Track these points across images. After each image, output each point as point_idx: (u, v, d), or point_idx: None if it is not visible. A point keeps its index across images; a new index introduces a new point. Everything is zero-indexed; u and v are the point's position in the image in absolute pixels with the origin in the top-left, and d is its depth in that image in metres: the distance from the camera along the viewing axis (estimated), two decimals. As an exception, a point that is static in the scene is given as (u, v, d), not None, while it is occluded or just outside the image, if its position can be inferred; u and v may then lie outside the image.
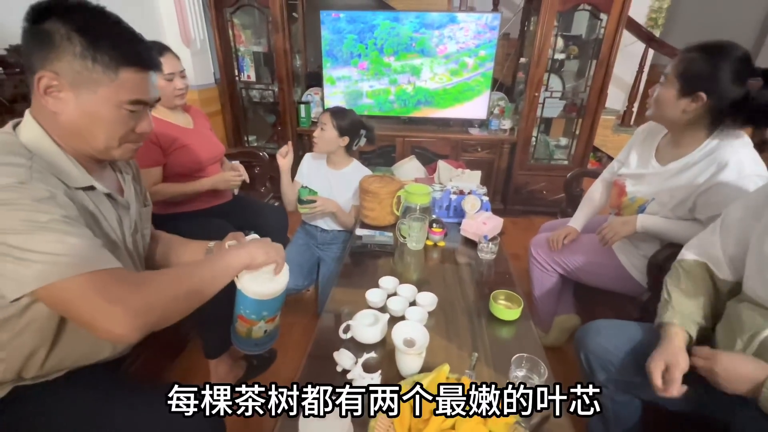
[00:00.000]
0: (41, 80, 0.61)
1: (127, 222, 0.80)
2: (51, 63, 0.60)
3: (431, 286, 1.15)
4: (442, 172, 1.90)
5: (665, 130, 1.21)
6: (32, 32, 0.61)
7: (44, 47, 0.60)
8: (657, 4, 3.52)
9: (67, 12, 0.61)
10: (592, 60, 2.47)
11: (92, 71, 0.62)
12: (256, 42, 2.71)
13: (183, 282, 0.65)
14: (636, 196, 1.24)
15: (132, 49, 0.64)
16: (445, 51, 2.64)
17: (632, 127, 3.43)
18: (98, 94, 0.63)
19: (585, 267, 1.39)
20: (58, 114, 0.64)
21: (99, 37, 0.61)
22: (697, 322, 0.86)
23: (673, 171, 1.15)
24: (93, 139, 0.67)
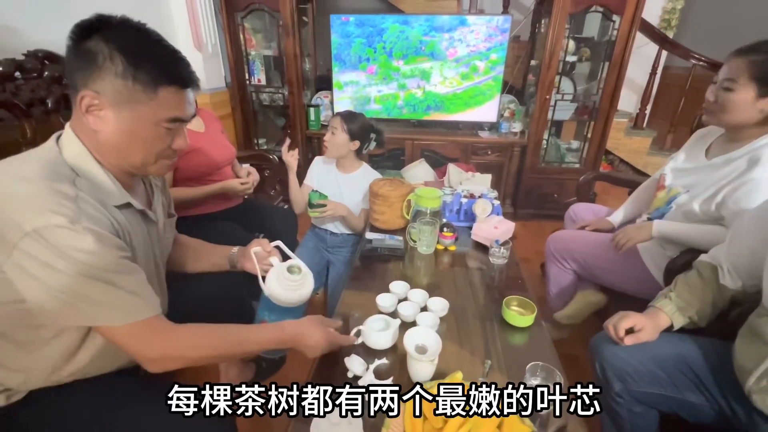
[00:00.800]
0: (83, 99, 0.62)
1: (154, 235, 0.82)
2: (93, 82, 0.62)
3: (442, 290, 1.14)
4: (452, 175, 1.88)
5: (722, 130, 1.18)
6: (76, 51, 0.62)
7: (87, 66, 0.61)
8: (670, 5, 3.47)
9: (111, 30, 0.62)
10: (605, 62, 2.44)
11: (132, 90, 0.63)
12: (267, 46, 2.73)
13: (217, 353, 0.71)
14: (672, 188, 1.22)
15: (171, 67, 0.66)
16: (456, 54, 2.62)
17: (645, 129, 3.38)
18: (137, 112, 0.64)
19: (604, 264, 1.36)
20: (98, 132, 0.65)
21: (139, 57, 0.62)
22: (689, 316, 0.91)
23: (715, 165, 1.13)
24: (131, 155, 0.68)
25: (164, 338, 0.66)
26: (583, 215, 1.68)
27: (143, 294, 0.65)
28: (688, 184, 1.18)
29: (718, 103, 1.06)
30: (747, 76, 1.00)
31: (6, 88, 1.22)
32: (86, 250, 0.57)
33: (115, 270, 0.61)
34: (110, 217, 0.65)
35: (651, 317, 0.91)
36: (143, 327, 0.64)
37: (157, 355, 0.65)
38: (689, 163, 1.25)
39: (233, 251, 1.00)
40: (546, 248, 1.52)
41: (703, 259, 0.96)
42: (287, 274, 0.90)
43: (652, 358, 0.88)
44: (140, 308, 0.64)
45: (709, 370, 0.84)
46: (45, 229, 0.54)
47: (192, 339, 0.69)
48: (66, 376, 0.72)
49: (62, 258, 0.56)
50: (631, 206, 1.51)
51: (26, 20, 1.41)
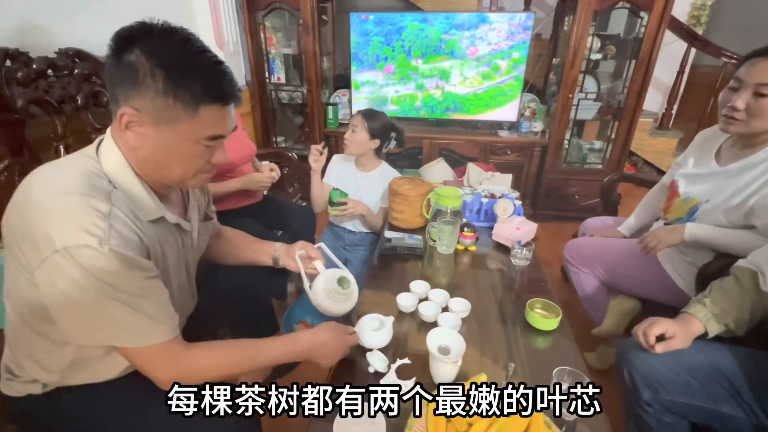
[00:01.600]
0: (123, 117, 0.61)
1: (188, 243, 0.81)
2: (133, 99, 0.60)
3: (462, 291, 1.12)
4: (471, 174, 1.86)
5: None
6: (117, 63, 0.60)
7: (128, 82, 0.60)
8: (700, 1, 3.35)
9: (152, 42, 0.60)
10: (631, 60, 2.37)
11: (172, 108, 0.61)
12: (287, 44, 2.75)
13: (229, 371, 0.71)
14: (689, 197, 1.17)
15: (213, 84, 0.63)
16: (477, 53, 2.56)
17: (670, 130, 3.27)
18: (177, 130, 0.63)
19: (624, 272, 1.32)
20: (138, 148, 0.65)
21: (181, 73, 0.60)
22: (725, 323, 0.86)
23: (732, 171, 1.08)
24: (170, 171, 0.67)
25: (177, 361, 0.67)
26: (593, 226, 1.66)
27: (161, 318, 0.65)
28: (706, 193, 1.13)
29: (749, 110, 0.99)
30: None
31: (39, 86, 1.25)
32: (111, 272, 0.57)
33: (137, 293, 0.61)
34: (142, 232, 0.64)
35: (683, 324, 0.87)
36: (157, 350, 0.64)
37: (169, 377, 0.65)
38: (700, 168, 1.20)
39: (276, 248, 1.02)
40: (563, 257, 1.49)
41: (741, 264, 0.91)
42: (336, 286, 0.91)
43: (684, 366, 0.84)
44: (156, 332, 0.64)
45: (747, 381, 0.81)
46: (75, 248, 0.55)
47: (204, 361, 0.69)
48: (96, 378, 0.74)
49: (87, 278, 0.56)
50: (642, 213, 1.47)
51: (58, 19, 1.45)
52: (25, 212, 0.59)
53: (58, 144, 1.33)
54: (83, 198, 0.58)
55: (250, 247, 1.05)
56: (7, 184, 1.23)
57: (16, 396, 0.74)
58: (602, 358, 1.48)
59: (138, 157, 0.66)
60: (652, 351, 0.84)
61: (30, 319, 0.66)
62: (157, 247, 0.69)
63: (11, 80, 1.17)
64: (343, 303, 0.91)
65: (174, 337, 0.66)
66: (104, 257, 0.56)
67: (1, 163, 1.21)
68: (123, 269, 0.59)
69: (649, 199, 1.48)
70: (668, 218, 1.25)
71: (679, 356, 0.85)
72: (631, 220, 1.50)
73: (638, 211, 1.49)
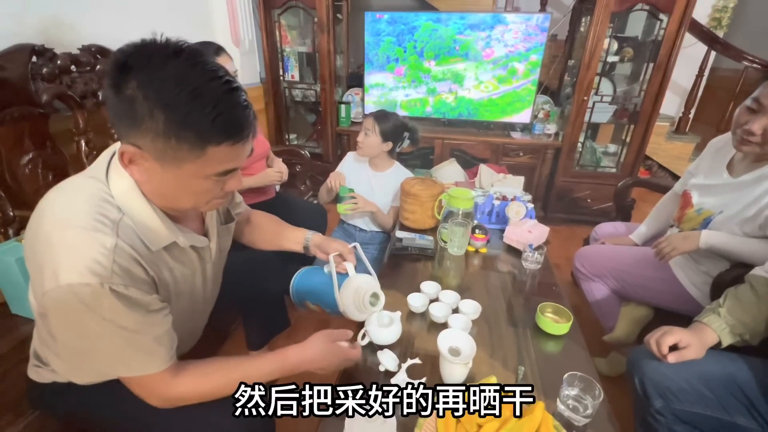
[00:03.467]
0: (124, 155, 0.57)
1: (207, 255, 0.79)
2: (134, 137, 0.56)
3: (473, 293, 1.13)
4: (483, 176, 1.85)
5: None
6: (115, 97, 0.54)
7: (127, 119, 0.55)
8: (722, 4, 3.28)
9: (149, 73, 0.52)
10: (648, 63, 2.33)
11: (176, 149, 0.55)
12: (301, 42, 2.76)
13: (219, 392, 0.69)
14: (702, 208, 1.16)
15: (222, 121, 0.55)
16: (492, 55, 2.50)
17: (687, 134, 3.21)
18: (183, 169, 0.58)
19: (635, 281, 1.31)
20: (143, 182, 0.62)
21: (184, 112, 0.53)
22: (739, 333, 0.85)
23: (745, 183, 1.07)
24: (179, 203, 0.65)
25: (167, 390, 0.67)
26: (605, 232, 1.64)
27: (157, 351, 0.65)
28: (720, 204, 1.12)
29: (766, 135, 0.97)
30: None
31: (62, 81, 1.29)
32: (111, 310, 0.58)
33: (135, 330, 0.61)
34: (147, 263, 0.63)
35: (697, 333, 0.86)
36: (149, 380, 0.66)
37: (159, 402, 0.68)
38: (712, 179, 1.18)
39: (308, 237, 1.02)
40: (573, 266, 1.47)
41: (757, 272, 0.90)
42: (367, 300, 0.91)
43: (698, 376, 0.83)
44: (150, 365, 0.65)
45: (763, 393, 0.79)
46: (77, 286, 0.55)
47: (194, 386, 0.69)
48: None
49: (87, 313, 0.57)
50: (654, 222, 1.46)
51: (82, 16, 1.49)
52: (35, 242, 0.59)
53: (80, 138, 1.37)
54: (89, 234, 0.57)
55: (282, 235, 1.05)
56: (31, 176, 1.27)
57: (42, 382, 0.77)
58: (613, 365, 1.46)
59: (146, 185, 0.63)
60: (665, 361, 0.84)
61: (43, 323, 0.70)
62: (166, 274, 0.69)
63: (37, 76, 1.20)
64: (367, 312, 0.92)
65: (166, 368, 0.66)
66: (105, 296, 0.57)
67: (26, 155, 1.25)
68: (123, 308, 0.59)
69: (660, 207, 1.46)
70: (682, 228, 1.24)
71: (693, 365, 0.84)
72: (642, 228, 1.48)
73: (650, 219, 1.47)
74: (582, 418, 0.73)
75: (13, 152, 1.22)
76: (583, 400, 0.75)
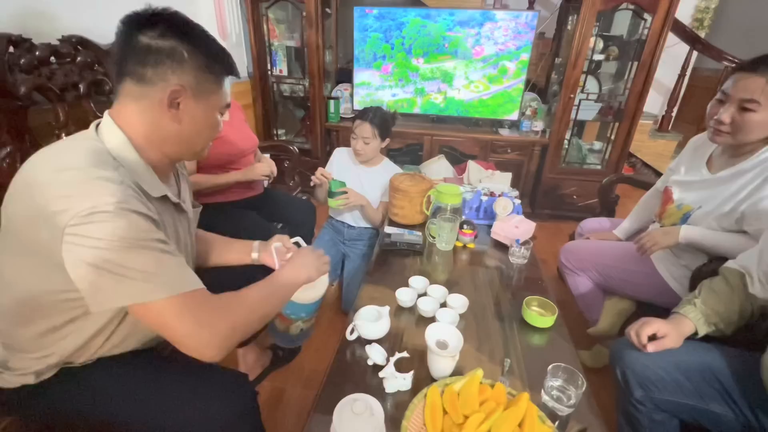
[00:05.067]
0: (172, 93, 0.65)
1: (185, 225, 0.82)
2: (179, 76, 0.65)
3: (460, 288, 1.14)
4: (472, 172, 1.87)
5: None
6: (155, 47, 0.64)
7: (171, 62, 0.64)
8: (704, 4, 3.36)
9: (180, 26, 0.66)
10: (633, 62, 2.38)
11: (210, 82, 0.69)
12: (290, 37, 2.73)
13: (261, 306, 0.72)
14: (683, 204, 1.19)
15: (229, 59, 0.72)
16: (483, 53, 2.46)
17: (670, 132, 3.29)
18: (211, 101, 0.70)
19: (619, 275, 1.34)
20: (174, 123, 0.68)
21: (212, 51, 0.68)
22: (714, 323, 0.89)
23: (723, 179, 1.10)
24: (195, 143, 0.73)
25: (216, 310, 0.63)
26: (590, 227, 1.67)
27: (187, 270, 0.64)
28: (699, 200, 1.16)
29: (735, 124, 1.01)
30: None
31: (41, 73, 1.25)
32: (132, 227, 0.58)
33: (161, 248, 0.61)
34: (150, 207, 0.64)
35: (675, 324, 0.89)
36: (194, 300, 0.62)
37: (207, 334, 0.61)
38: (692, 176, 1.22)
39: (254, 246, 1.01)
40: (559, 260, 1.50)
41: (730, 265, 0.94)
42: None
43: (676, 365, 0.86)
44: (187, 277, 0.63)
45: (736, 381, 0.82)
46: (93, 214, 0.55)
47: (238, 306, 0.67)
48: (99, 356, 0.74)
49: (111, 236, 0.56)
50: (637, 218, 1.50)
51: (62, 6, 1.44)
52: (31, 194, 0.58)
53: (60, 132, 1.33)
54: (92, 170, 0.59)
55: (228, 249, 1.02)
56: (8, 171, 1.23)
57: (10, 388, 0.74)
58: (597, 358, 1.50)
59: (156, 136, 0.69)
60: (645, 350, 0.86)
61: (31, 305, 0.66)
62: (162, 225, 0.68)
63: (14, 67, 1.17)
64: (311, 289, 0.90)
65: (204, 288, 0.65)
66: (126, 215, 0.57)
67: (4, 149, 1.21)
68: (146, 225, 0.60)
69: (643, 203, 1.50)
70: (663, 223, 1.27)
71: (671, 356, 0.87)
72: (625, 224, 1.51)
73: (633, 215, 1.51)
74: (566, 408, 0.75)
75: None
76: (566, 391, 0.77)
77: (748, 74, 0.98)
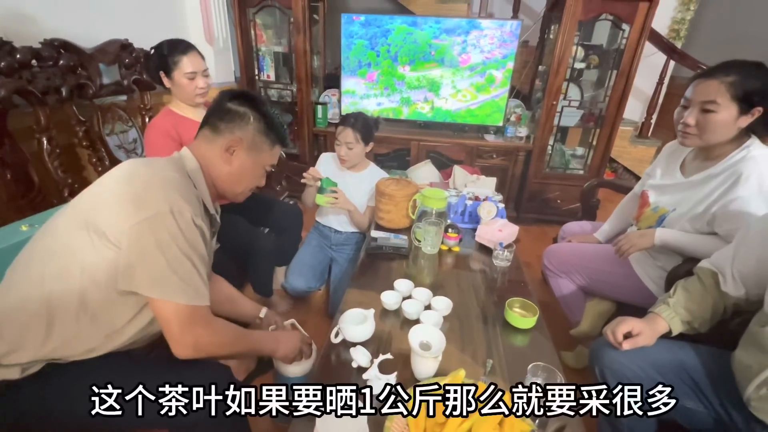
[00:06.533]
0: (232, 141, 0.85)
1: (215, 238, 0.98)
2: (240, 131, 0.86)
3: (445, 290, 1.16)
4: (457, 177, 1.90)
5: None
6: (233, 109, 0.86)
7: (238, 121, 0.86)
8: (680, 16, 3.48)
9: (255, 101, 0.88)
10: (613, 70, 2.45)
11: (263, 142, 0.89)
12: (277, 42, 2.74)
13: (241, 344, 0.84)
14: (658, 206, 1.24)
15: (284, 133, 0.94)
16: (469, 61, 2.47)
17: (650, 138, 3.39)
18: (259, 157, 0.90)
19: (599, 277, 1.38)
20: (227, 165, 0.87)
21: (272, 123, 0.90)
22: (687, 321, 0.92)
23: (695, 182, 1.15)
24: (238, 185, 0.91)
25: (206, 327, 0.76)
26: (572, 231, 1.71)
27: (206, 285, 0.77)
28: (673, 202, 1.21)
29: (700, 126, 1.08)
30: (728, 97, 1.02)
31: (22, 76, 1.24)
32: (195, 238, 0.74)
33: (201, 261, 0.76)
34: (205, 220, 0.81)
35: (649, 322, 0.92)
36: (195, 312, 0.74)
37: (191, 341, 0.74)
38: (667, 179, 1.27)
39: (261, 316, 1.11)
40: (542, 263, 1.53)
41: (703, 265, 0.97)
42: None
43: (651, 363, 0.89)
44: (202, 295, 0.75)
45: (708, 378, 0.86)
46: (178, 213, 0.71)
47: (220, 332, 0.79)
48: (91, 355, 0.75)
49: (180, 236, 0.71)
50: (616, 221, 1.54)
51: (44, 9, 1.43)
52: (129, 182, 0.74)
53: (41, 135, 1.32)
54: (183, 179, 0.79)
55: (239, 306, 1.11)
56: (-13, 175, 1.21)
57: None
58: (579, 358, 1.53)
59: (218, 171, 0.87)
60: (620, 348, 0.89)
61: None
62: (207, 237, 0.83)
63: (-6, 69, 1.15)
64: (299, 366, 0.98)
65: (209, 306, 0.78)
66: (194, 225, 0.74)
67: (-18, 153, 1.19)
68: (201, 239, 0.76)
69: (622, 207, 1.54)
70: (640, 226, 1.31)
71: (647, 354, 0.90)
72: (605, 227, 1.56)
73: (612, 218, 1.55)
74: (545, 406, 0.77)
75: (-32, 149, 1.17)
76: (546, 389, 0.79)
77: (705, 79, 1.05)
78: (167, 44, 1.40)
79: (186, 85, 1.41)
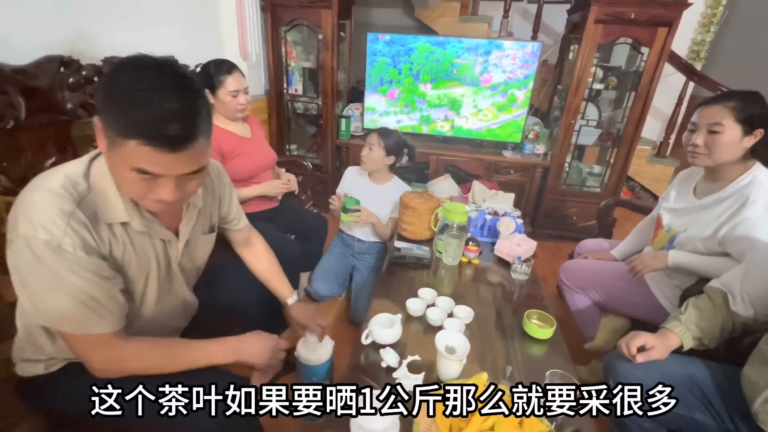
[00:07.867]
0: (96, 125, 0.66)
1: (173, 252, 0.86)
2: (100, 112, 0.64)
3: (465, 300, 1.22)
4: (476, 192, 1.97)
5: (702, 170, 1.28)
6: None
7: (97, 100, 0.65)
8: (700, 38, 3.51)
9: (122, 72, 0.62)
10: (631, 91, 2.50)
11: (110, 130, 0.62)
12: (306, 58, 2.88)
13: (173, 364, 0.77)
14: (671, 228, 1.30)
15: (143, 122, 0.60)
16: (491, 81, 2.49)
17: (668, 158, 3.40)
18: (114, 152, 0.64)
19: (615, 294, 1.42)
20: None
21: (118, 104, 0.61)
22: (698, 337, 0.97)
23: (705, 204, 1.21)
24: (119, 187, 0.72)
25: (109, 353, 0.73)
26: (588, 248, 1.76)
27: (104, 313, 0.71)
28: (684, 224, 1.27)
29: (708, 146, 1.17)
30: (731, 119, 1.12)
31: (86, 90, 1.37)
32: (59, 266, 0.65)
33: (81, 289, 0.67)
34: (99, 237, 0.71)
35: (662, 337, 0.98)
36: (93, 340, 0.71)
37: (101, 366, 0.73)
38: (681, 203, 1.34)
39: (294, 298, 1.11)
40: (559, 278, 1.58)
41: (713, 285, 1.02)
42: (308, 336, 0.98)
43: (663, 377, 0.93)
44: (94, 323, 0.70)
45: (718, 392, 0.90)
46: (31, 238, 0.64)
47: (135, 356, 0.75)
48: None
49: (38, 266, 0.65)
50: (633, 241, 1.59)
51: (103, 30, 1.58)
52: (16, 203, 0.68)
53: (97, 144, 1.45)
54: (53, 197, 0.66)
55: (275, 281, 1.13)
56: (52, 180, 1.33)
57: (27, 376, 0.81)
58: (593, 372, 1.56)
59: None
60: (634, 361, 0.94)
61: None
62: (117, 250, 0.75)
63: (64, 85, 1.29)
64: (315, 353, 0.96)
65: (113, 331, 0.73)
66: (55, 252, 0.65)
67: (49, 159, 1.32)
68: (70, 266, 0.66)
69: (640, 229, 1.59)
70: (654, 247, 1.37)
71: (659, 368, 0.95)
72: (622, 245, 1.61)
73: (630, 238, 1.60)
74: (561, 410, 0.82)
75: (38, 156, 1.29)
76: (562, 396, 0.85)
77: (709, 105, 1.17)
78: (213, 64, 1.52)
79: (229, 102, 1.53)
